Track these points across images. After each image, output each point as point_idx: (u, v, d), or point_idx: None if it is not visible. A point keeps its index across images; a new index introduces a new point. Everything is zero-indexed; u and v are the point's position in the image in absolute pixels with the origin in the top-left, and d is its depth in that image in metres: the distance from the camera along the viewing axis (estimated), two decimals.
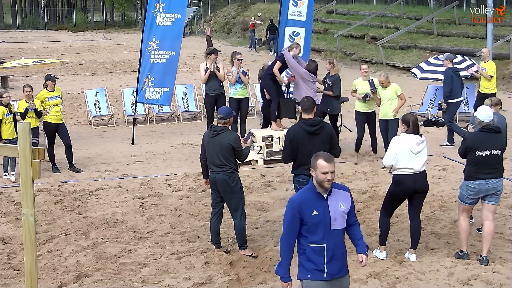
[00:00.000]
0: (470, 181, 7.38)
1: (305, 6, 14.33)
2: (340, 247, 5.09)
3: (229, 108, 8.39)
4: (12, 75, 23.63)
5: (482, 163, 7.28)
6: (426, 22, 28.01)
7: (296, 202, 5.04)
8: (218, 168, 7.67)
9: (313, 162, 5.02)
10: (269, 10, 40.97)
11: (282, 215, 9.24)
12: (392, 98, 11.47)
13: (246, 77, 12.56)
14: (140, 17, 54.02)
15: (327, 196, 5.03)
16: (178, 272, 7.43)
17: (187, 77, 22.86)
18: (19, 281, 7.21)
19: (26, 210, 4.64)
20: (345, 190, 5.17)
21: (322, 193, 5.02)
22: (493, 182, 7.32)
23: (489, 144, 7.29)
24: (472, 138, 7.43)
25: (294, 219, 5.02)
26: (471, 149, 7.34)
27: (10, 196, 10.50)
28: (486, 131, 7.33)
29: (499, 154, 7.36)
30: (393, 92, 11.47)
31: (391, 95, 11.48)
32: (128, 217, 9.43)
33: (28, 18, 67.34)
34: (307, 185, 5.14)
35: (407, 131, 7.41)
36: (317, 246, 5.00)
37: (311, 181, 5.07)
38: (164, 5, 13.92)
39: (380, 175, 11.20)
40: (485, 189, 7.33)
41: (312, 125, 7.44)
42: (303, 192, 5.12)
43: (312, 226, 4.98)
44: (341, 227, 5.07)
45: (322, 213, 4.98)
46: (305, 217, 4.98)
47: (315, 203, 4.99)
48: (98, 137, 15.12)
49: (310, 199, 5.02)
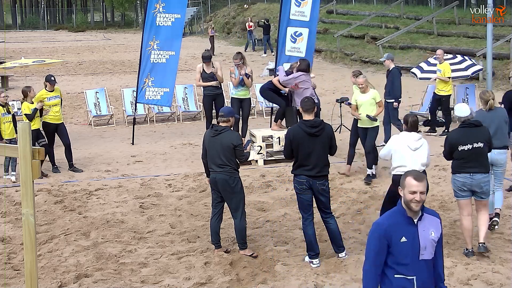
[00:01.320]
0: (455, 174, 7.59)
1: (308, 6, 14.28)
2: (431, 281, 4.56)
3: (231, 108, 8.41)
4: (12, 75, 23.63)
5: (465, 157, 7.48)
6: (426, 22, 28.01)
7: (383, 226, 4.46)
8: (219, 168, 7.66)
9: (401, 180, 4.51)
10: (269, 10, 40.97)
11: (282, 215, 9.36)
12: (371, 104, 10.76)
13: (249, 79, 12.53)
14: (140, 17, 54.02)
15: (417, 221, 4.48)
16: (178, 272, 7.43)
17: (187, 77, 22.86)
18: (19, 281, 7.21)
19: (26, 210, 4.64)
20: (436, 217, 4.62)
21: (412, 218, 4.47)
22: (477, 177, 7.48)
23: (471, 138, 7.48)
24: (453, 135, 7.67)
25: (381, 246, 4.43)
26: (454, 145, 7.53)
27: (10, 196, 10.50)
28: (466, 126, 7.55)
29: (481, 147, 7.52)
30: (372, 98, 10.78)
31: (369, 102, 10.79)
32: (128, 217, 9.43)
33: (28, 18, 67.36)
34: (394, 208, 4.57)
35: (406, 129, 7.61)
36: (406, 278, 4.45)
37: (399, 203, 4.52)
38: (164, 5, 13.93)
39: (380, 175, 11.20)
40: (469, 183, 7.49)
41: (312, 126, 7.43)
42: (390, 216, 4.54)
43: (399, 255, 4.44)
44: (430, 257, 4.53)
45: (411, 240, 4.43)
46: (393, 244, 4.42)
47: (404, 228, 4.44)
48: (98, 137, 15.12)
49: (398, 223, 4.46)
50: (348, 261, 7.51)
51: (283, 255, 7.82)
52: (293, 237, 8.42)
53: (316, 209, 7.64)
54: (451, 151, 7.61)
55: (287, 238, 8.43)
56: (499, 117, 8.44)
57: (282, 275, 7.22)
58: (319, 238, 7.92)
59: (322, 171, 7.44)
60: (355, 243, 8.18)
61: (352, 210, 9.55)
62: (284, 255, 7.82)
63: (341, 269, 7.33)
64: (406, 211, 4.45)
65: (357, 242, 8.21)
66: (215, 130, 7.73)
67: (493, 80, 17.27)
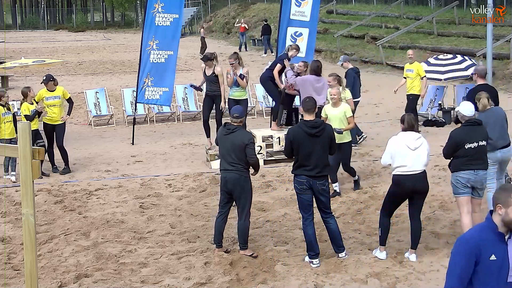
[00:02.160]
0: (459, 172, 7.63)
1: (308, 6, 14.29)
2: None
3: (242, 107, 8.66)
4: (12, 75, 23.63)
5: (471, 155, 7.59)
6: (426, 22, 28.02)
7: (473, 242, 4.02)
8: (230, 166, 7.67)
9: (504, 197, 4.02)
10: (269, 10, 40.97)
11: (282, 215, 9.36)
12: (341, 120, 9.87)
13: (243, 80, 12.44)
14: (140, 17, 54.01)
15: (507, 238, 4.06)
16: (178, 272, 7.43)
17: (187, 77, 22.85)
18: (19, 281, 7.21)
19: (26, 210, 4.64)
20: None
21: (504, 234, 4.06)
22: (481, 173, 7.66)
23: (476, 136, 7.63)
24: (459, 133, 7.71)
25: (469, 264, 4.00)
26: (459, 144, 7.62)
27: (10, 196, 10.50)
28: (470, 124, 7.69)
29: (485, 145, 7.71)
30: (343, 112, 9.94)
31: (339, 116, 9.89)
32: (128, 217, 9.43)
33: (28, 18, 67.34)
34: (483, 223, 4.16)
35: (403, 129, 7.59)
36: None
37: (489, 219, 4.09)
38: (163, 5, 13.98)
39: (380, 175, 11.20)
40: (473, 179, 7.63)
41: (313, 127, 7.42)
42: (480, 231, 4.10)
43: (485, 275, 4.01)
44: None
45: (501, 259, 4.01)
46: (481, 262, 4.00)
47: (495, 245, 4.02)
48: (98, 137, 15.13)
49: (489, 240, 4.02)
50: (348, 261, 7.51)
51: (283, 255, 7.82)
52: (293, 237, 8.42)
53: (316, 209, 7.64)
54: (456, 149, 7.65)
55: (287, 238, 8.43)
56: (500, 116, 8.51)
57: (282, 275, 7.22)
58: (319, 238, 7.92)
59: (322, 171, 7.45)
60: (355, 243, 8.18)
61: (352, 210, 9.55)
62: (284, 255, 7.82)
63: (341, 269, 7.32)
64: (497, 227, 4.05)
65: (357, 242, 8.21)
66: (227, 128, 7.77)
67: (493, 80, 17.29)
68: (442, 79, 14.95)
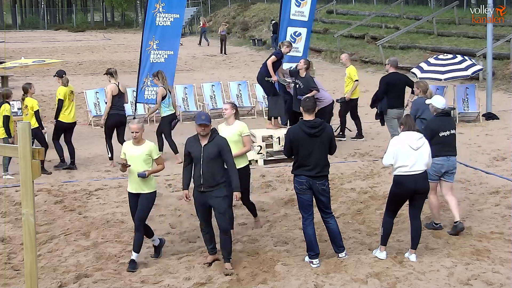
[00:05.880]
0: (435, 158, 8.06)
1: (307, 6, 14.35)
2: None
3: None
4: (12, 75, 23.59)
5: (444, 142, 8.33)
6: (426, 22, 28.01)
7: None
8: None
9: None
10: (269, 10, 41.00)
11: (282, 215, 9.35)
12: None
13: None
14: (140, 17, 54.02)
15: None
16: (178, 272, 7.43)
17: (187, 77, 22.84)
18: (19, 281, 7.21)
19: (26, 210, 4.64)
20: None
21: None
22: (452, 159, 8.46)
23: (448, 126, 8.47)
24: (435, 122, 8.45)
25: None
26: (436, 132, 8.31)
27: (10, 196, 10.50)
28: (443, 115, 8.52)
29: (455, 133, 8.54)
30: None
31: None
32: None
33: (28, 18, 67.32)
34: None
35: (404, 129, 7.65)
36: None
37: None
38: (163, 5, 13.98)
39: (380, 175, 11.20)
40: (446, 164, 8.39)
41: (312, 127, 7.42)
42: None
43: None
44: None
45: None
46: None
47: None
48: (98, 137, 15.09)
49: None
50: (348, 261, 7.50)
51: (283, 255, 7.82)
52: (293, 237, 8.42)
53: (316, 209, 7.64)
54: (432, 137, 8.14)
55: (287, 238, 8.42)
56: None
57: (282, 275, 7.21)
58: (319, 238, 7.92)
59: (322, 171, 7.44)
60: (355, 243, 8.18)
61: (352, 210, 9.54)
62: (284, 255, 7.82)
63: (341, 269, 7.32)
64: None
65: (357, 242, 8.21)
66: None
67: (493, 80, 17.29)
68: (442, 79, 14.92)
